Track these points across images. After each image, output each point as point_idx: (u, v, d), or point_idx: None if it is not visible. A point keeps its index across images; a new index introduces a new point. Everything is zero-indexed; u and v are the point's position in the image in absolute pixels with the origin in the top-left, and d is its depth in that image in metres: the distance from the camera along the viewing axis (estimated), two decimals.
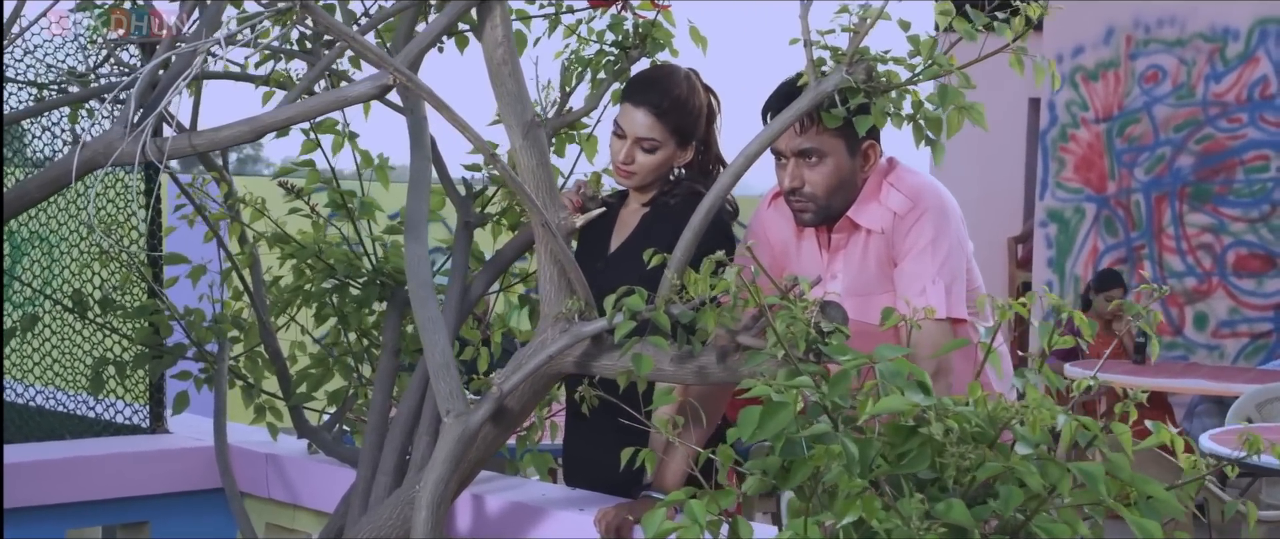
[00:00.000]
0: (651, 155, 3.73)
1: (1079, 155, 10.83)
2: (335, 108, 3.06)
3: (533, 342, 3.23)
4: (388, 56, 2.88)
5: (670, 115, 3.73)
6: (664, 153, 3.75)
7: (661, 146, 3.74)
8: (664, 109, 3.72)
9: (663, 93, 3.74)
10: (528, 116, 3.14)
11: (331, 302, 4.13)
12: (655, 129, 3.72)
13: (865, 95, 3.06)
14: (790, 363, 2.75)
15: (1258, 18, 10.02)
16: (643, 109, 3.71)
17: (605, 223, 3.92)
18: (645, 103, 3.72)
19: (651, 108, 3.71)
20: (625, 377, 3.08)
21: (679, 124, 3.74)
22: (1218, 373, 9.05)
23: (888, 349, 2.60)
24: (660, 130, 3.72)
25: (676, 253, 3.06)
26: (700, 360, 3.07)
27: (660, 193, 3.84)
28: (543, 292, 3.21)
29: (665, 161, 3.76)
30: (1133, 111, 10.55)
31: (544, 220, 3.06)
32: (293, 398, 4.23)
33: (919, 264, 3.41)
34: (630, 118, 3.72)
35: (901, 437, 2.38)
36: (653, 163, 3.74)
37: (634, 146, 3.73)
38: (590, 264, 3.87)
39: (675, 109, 3.73)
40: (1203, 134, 10.27)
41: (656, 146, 3.74)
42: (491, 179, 4.06)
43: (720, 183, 3.09)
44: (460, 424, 3.12)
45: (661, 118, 3.72)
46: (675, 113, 3.73)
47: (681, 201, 3.79)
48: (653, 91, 3.74)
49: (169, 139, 3.09)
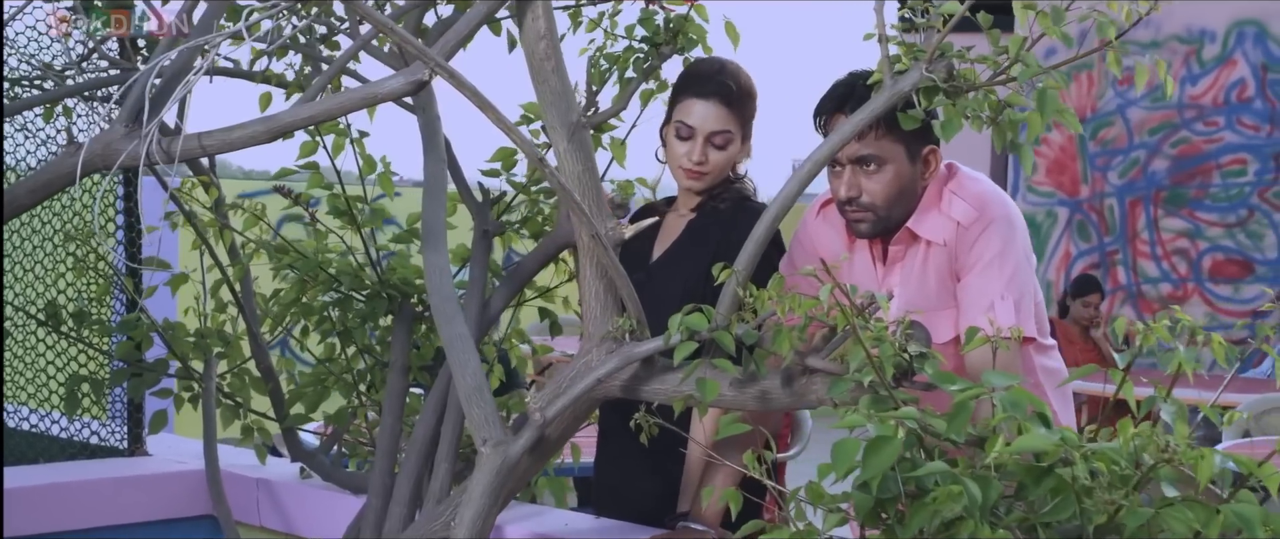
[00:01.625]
0: (723, 151, 3.51)
1: (1051, 159, 10.66)
2: (363, 105, 2.77)
3: (575, 363, 2.95)
4: (427, 49, 2.60)
5: (739, 104, 3.51)
6: (734, 147, 3.54)
7: (733, 140, 3.52)
8: (735, 96, 3.50)
9: (731, 79, 3.51)
10: (573, 117, 2.87)
11: (331, 315, 3.83)
12: (728, 119, 3.50)
13: (944, 95, 2.81)
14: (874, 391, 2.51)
15: (1235, 19, 9.87)
16: (712, 100, 3.48)
17: (651, 228, 3.67)
18: (715, 93, 3.48)
19: (721, 98, 3.48)
20: (682, 403, 2.81)
21: (747, 113, 3.54)
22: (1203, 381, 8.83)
23: (997, 376, 2.35)
24: (732, 120, 3.50)
25: (738, 267, 2.79)
26: (763, 384, 2.80)
27: (707, 198, 3.60)
28: (586, 308, 2.93)
29: (733, 158, 3.55)
30: (1106, 114, 10.39)
31: (594, 231, 2.78)
32: (288, 419, 3.93)
33: (986, 278, 3.16)
34: (698, 112, 3.48)
35: (1032, 478, 2.12)
36: (724, 159, 3.53)
37: (706, 144, 3.49)
38: (630, 274, 3.62)
39: (744, 96, 3.53)
40: (1178, 137, 10.12)
41: (729, 140, 3.51)
42: (512, 184, 3.78)
43: (785, 191, 2.81)
44: (500, 455, 2.84)
45: (732, 107, 3.50)
46: (744, 100, 3.53)
47: (732, 207, 3.55)
48: (718, 80, 3.51)
49: (176, 140, 2.79)
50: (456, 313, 3.06)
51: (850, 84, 3.19)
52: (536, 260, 3.61)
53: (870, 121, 2.78)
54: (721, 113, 3.50)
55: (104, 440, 4.28)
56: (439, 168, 3.41)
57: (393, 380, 3.64)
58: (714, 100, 3.50)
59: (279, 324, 3.85)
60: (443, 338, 3.03)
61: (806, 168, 2.79)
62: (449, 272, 3.16)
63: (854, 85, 3.18)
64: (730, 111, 3.52)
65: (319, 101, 2.79)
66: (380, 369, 3.86)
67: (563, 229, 3.59)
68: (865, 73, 3.25)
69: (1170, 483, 2.10)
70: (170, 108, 2.81)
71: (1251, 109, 9.83)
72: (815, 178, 2.85)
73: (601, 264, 2.90)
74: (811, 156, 2.79)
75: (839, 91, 3.19)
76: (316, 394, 3.93)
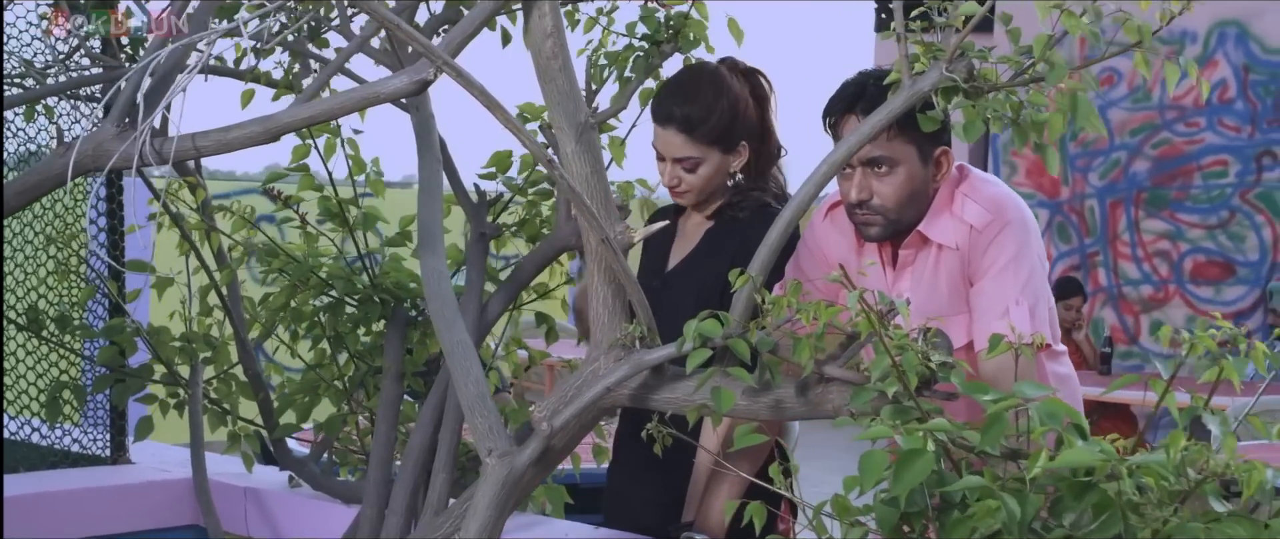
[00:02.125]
0: (696, 173, 3.42)
1: (1031, 160, 10.61)
2: (365, 106, 2.67)
3: (582, 371, 2.86)
4: (434, 47, 2.51)
5: (702, 129, 3.41)
6: (709, 166, 3.44)
7: (704, 161, 3.43)
8: (692, 125, 3.41)
9: (687, 108, 3.42)
10: (581, 117, 2.78)
11: (321, 321, 3.73)
12: (690, 147, 3.41)
13: (964, 96, 2.74)
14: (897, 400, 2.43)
15: (1216, 20, 9.83)
16: (670, 129, 3.41)
17: (663, 236, 3.59)
18: (671, 122, 3.41)
19: (678, 127, 3.41)
20: (695, 412, 2.72)
21: (715, 135, 3.43)
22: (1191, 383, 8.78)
23: (1030, 387, 2.28)
24: (696, 147, 3.42)
25: (753, 272, 2.71)
26: (777, 394, 2.72)
27: (725, 204, 3.52)
28: (594, 314, 2.84)
29: (715, 173, 3.45)
30: None
31: (604, 235, 2.69)
32: (278, 428, 3.83)
33: (1000, 283, 3.08)
34: (662, 139, 3.43)
35: (1073, 493, 2.05)
36: (701, 180, 3.44)
37: (675, 168, 3.43)
38: (646, 282, 3.53)
39: (705, 121, 3.41)
40: (1159, 139, 10.08)
41: (697, 164, 3.43)
42: (509, 186, 3.69)
43: (800, 195, 2.72)
44: (505, 466, 2.75)
45: (693, 134, 3.41)
46: (707, 125, 3.42)
47: (751, 215, 3.47)
48: (677, 109, 3.43)
49: (170, 141, 2.69)
50: (456, 318, 2.97)
51: (861, 84, 3.11)
52: (535, 264, 3.52)
53: (889, 122, 2.70)
54: (681, 141, 3.44)
55: (86, 448, 4.17)
56: (434, 168, 3.32)
57: (387, 387, 3.54)
58: (671, 129, 3.44)
59: (269, 329, 3.75)
60: (443, 344, 2.94)
61: (822, 170, 2.71)
62: (447, 276, 3.07)
63: (865, 85, 3.11)
64: (691, 140, 3.44)
65: (318, 102, 2.70)
66: (373, 375, 3.76)
67: (561, 232, 3.50)
68: (876, 72, 3.18)
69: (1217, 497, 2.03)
70: (163, 108, 2.71)
71: (1233, 110, 9.79)
72: (830, 180, 2.77)
73: (610, 269, 2.81)
74: (828, 159, 2.71)
75: (849, 92, 3.11)
76: (307, 401, 3.83)
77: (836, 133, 3.11)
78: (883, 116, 2.69)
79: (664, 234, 3.57)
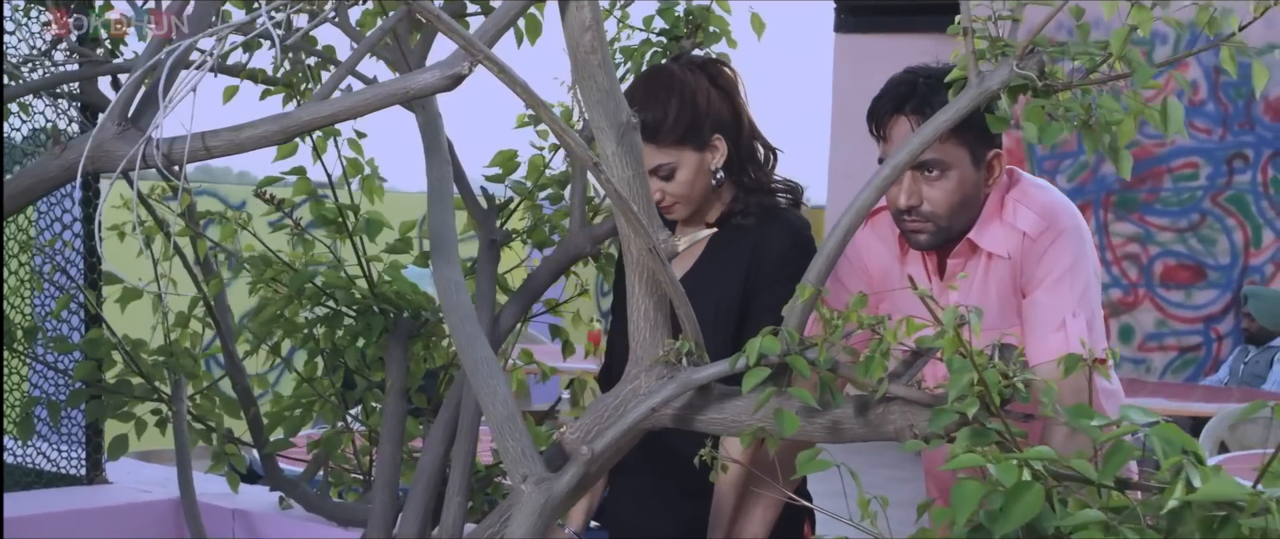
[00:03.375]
0: (674, 180, 3.15)
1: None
2: (393, 102, 2.46)
3: (620, 390, 2.66)
4: (475, 40, 2.31)
5: (665, 131, 3.13)
6: (686, 169, 3.15)
7: (679, 165, 3.15)
8: (654, 130, 3.12)
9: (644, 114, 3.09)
10: (623, 117, 2.57)
11: (314, 333, 3.52)
12: (659, 154, 3.12)
13: (1034, 95, 2.56)
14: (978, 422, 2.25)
15: (1186, 21, 9.70)
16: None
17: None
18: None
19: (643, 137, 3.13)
20: (750, 435, 2.52)
21: (680, 133, 3.14)
22: (1162, 389, 8.69)
23: (1136, 411, 2.09)
24: (664, 152, 3.13)
25: (810, 282, 2.52)
26: (835, 414, 2.52)
27: (727, 212, 3.27)
28: (635, 329, 2.64)
29: (695, 175, 3.17)
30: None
31: (651, 244, 2.49)
32: (268, 445, 3.61)
33: (1055, 295, 2.90)
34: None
35: (1206, 529, 1.86)
36: (682, 186, 3.16)
37: (652, 180, 3.12)
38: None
39: (663, 122, 3.12)
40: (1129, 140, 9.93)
41: (672, 169, 3.15)
42: (516, 189, 3.49)
43: (860, 200, 2.51)
44: (543, 493, 2.54)
45: (657, 138, 3.13)
46: (667, 125, 3.13)
47: (759, 220, 3.23)
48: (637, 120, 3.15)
49: (180, 142, 2.47)
50: (478, 334, 2.75)
51: (910, 83, 2.92)
52: (548, 273, 3.32)
53: (955, 122, 2.51)
54: (649, 149, 3.13)
55: (60, 467, 3.93)
56: (443, 171, 3.11)
57: (390, 404, 3.33)
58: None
59: (261, 341, 3.53)
60: (465, 362, 2.72)
61: (885, 173, 2.51)
62: (464, 287, 2.86)
63: (914, 83, 2.91)
64: (655, 145, 3.16)
65: (341, 98, 2.48)
66: (371, 391, 3.55)
67: (575, 239, 3.31)
68: (923, 69, 2.99)
69: None
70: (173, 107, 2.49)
71: (1203, 112, 9.68)
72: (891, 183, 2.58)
73: (652, 281, 2.61)
74: (890, 161, 2.51)
75: (901, 90, 2.92)
76: (299, 417, 3.62)
77: (884, 134, 2.93)
78: (949, 116, 2.50)
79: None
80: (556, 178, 3.53)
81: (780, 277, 3.24)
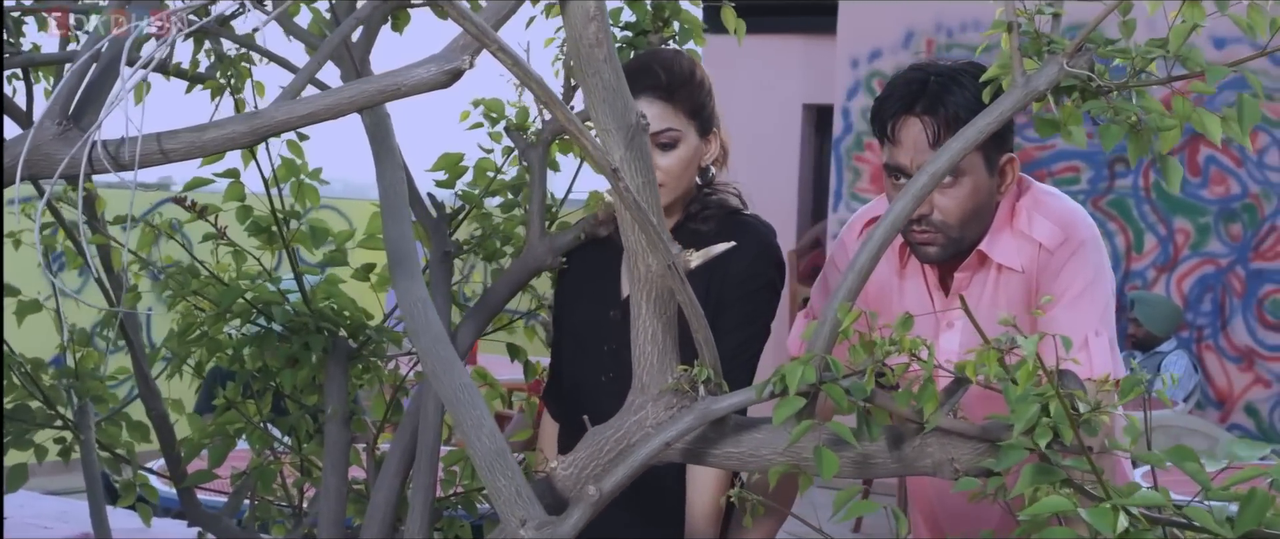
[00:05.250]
0: (674, 151, 2.91)
1: (876, 164, 10.32)
2: (382, 100, 2.18)
3: (621, 420, 2.40)
4: (490, 31, 2.03)
5: (681, 94, 2.91)
6: (686, 147, 2.93)
7: (682, 139, 2.92)
8: (670, 87, 2.90)
9: (661, 67, 2.93)
10: (632, 118, 2.31)
11: (240, 354, 3.21)
12: (667, 116, 2.90)
13: (1081, 96, 2.35)
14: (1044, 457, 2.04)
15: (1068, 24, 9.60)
16: (644, 97, 2.86)
17: (606, 258, 3.09)
18: (646, 87, 2.88)
19: (653, 90, 2.89)
20: (778, 472, 2.28)
21: (694, 105, 2.93)
22: None
23: (1242, 446, 1.89)
24: (675, 116, 2.91)
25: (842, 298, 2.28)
26: (866, 448, 2.29)
27: (686, 216, 3.02)
28: (641, 353, 2.37)
29: (692, 159, 2.95)
30: None
31: (672, 260, 2.23)
32: (187, 478, 3.29)
33: (1077, 313, 2.69)
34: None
35: None
36: (679, 163, 2.92)
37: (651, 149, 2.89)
38: (597, 315, 3.06)
39: (684, 85, 2.92)
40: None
41: (676, 139, 2.91)
42: (465, 197, 3.21)
43: (895, 212, 2.28)
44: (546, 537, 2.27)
45: (671, 99, 2.90)
46: (686, 90, 2.92)
47: (719, 226, 2.99)
48: (648, 73, 2.92)
49: (130, 144, 2.16)
50: (454, 358, 2.47)
51: (920, 81, 2.70)
52: (507, 288, 3.05)
53: (998, 125, 2.28)
54: (658, 109, 2.91)
55: None
56: (396, 176, 2.82)
57: (332, 432, 3.03)
58: (646, 96, 2.90)
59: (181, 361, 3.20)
60: (442, 391, 2.43)
61: (922, 181, 2.27)
62: (432, 305, 2.57)
63: (924, 82, 2.69)
64: (670, 104, 2.93)
65: (321, 96, 2.19)
66: (306, 417, 3.25)
67: (534, 251, 3.05)
68: (932, 66, 2.76)
69: None
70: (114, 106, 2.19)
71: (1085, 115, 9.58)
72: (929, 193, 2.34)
73: (661, 300, 2.35)
74: (926, 169, 2.26)
75: (910, 89, 2.69)
76: (221, 446, 3.30)
77: (893, 136, 2.70)
78: (993, 118, 2.28)
79: (603, 254, 3.09)
80: (510, 183, 3.26)
81: (751, 289, 3.01)
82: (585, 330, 3.09)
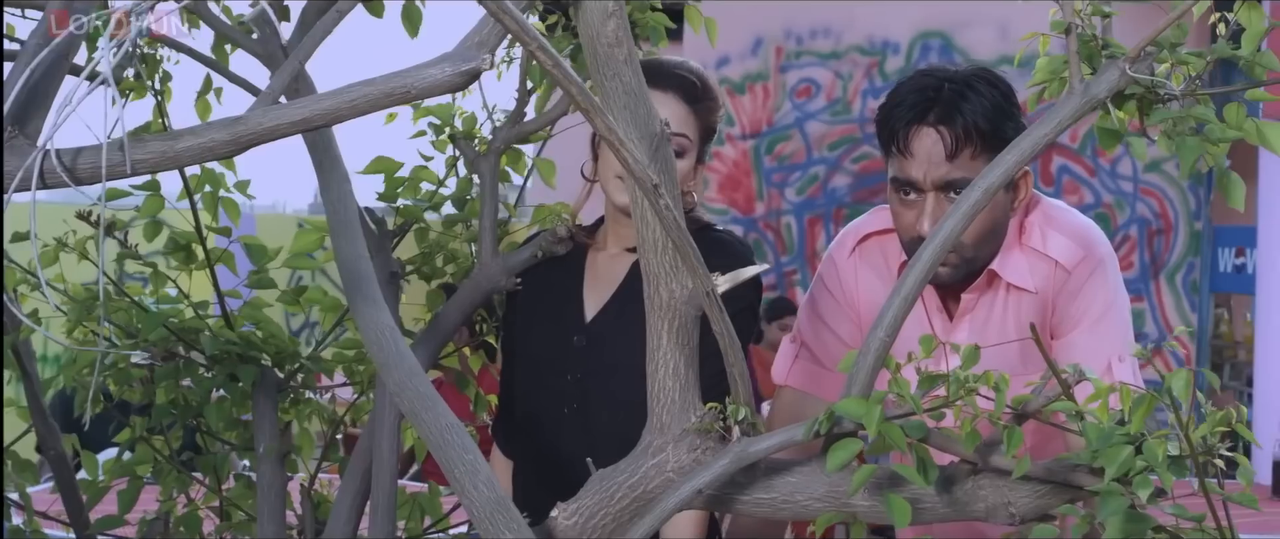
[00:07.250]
0: (681, 159, 2.72)
1: (723, 174, 10.17)
2: (389, 104, 1.89)
3: (635, 464, 2.15)
4: (531, 28, 1.78)
5: (702, 108, 2.75)
6: (688, 161, 2.76)
7: (688, 150, 2.74)
8: (698, 94, 2.73)
9: (695, 75, 2.76)
10: (654, 125, 2.07)
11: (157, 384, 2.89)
12: (687, 121, 2.73)
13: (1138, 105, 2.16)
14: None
15: (919, 31, 9.58)
16: (671, 95, 2.70)
17: (565, 278, 2.85)
18: (676, 87, 2.71)
19: (682, 93, 2.71)
20: (825, 521, 2.05)
21: (709, 121, 2.78)
22: None
23: None
24: (692, 124, 2.73)
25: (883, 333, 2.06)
26: (913, 491, 2.07)
27: None
28: (659, 389, 2.13)
29: (686, 176, 2.77)
30: (783, 128, 9.96)
31: (709, 287, 1.99)
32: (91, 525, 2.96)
33: (1098, 336, 2.50)
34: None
35: None
36: (681, 172, 2.73)
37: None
38: (560, 338, 2.82)
39: (707, 97, 2.76)
40: (860, 153, 9.77)
41: (686, 146, 2.73)
42: (402, 212, 2.94)
43: (948, 229, 2.06)
44: None
45: (695, 108, 2.73)
46: (706, 102, 2.76)
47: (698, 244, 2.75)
48: (679, 74, 2.74)
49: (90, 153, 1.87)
50: (435, 396, 2.19)
51: (933, 87, 2.49)
52: (458, 312, 2.78)
53: (1060, 134, 2.08)
54: (681, 111, 2.73)
55: None
56: (344, 189, 2.55)
57: (265, 474, 2.73)
58: (674, 95, 2.73)
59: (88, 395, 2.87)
60: (423, 430, 2.16)
61: (975, 196, 2.06)
62: (399, 334, 2.30)
63: (939, 88, 2.48)
64: (691, 112, 2.76)
65: (318, 98, 1.90)
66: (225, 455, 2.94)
67: (488, 269, 2.79)
68: (943, 72, 2.56)
69: None
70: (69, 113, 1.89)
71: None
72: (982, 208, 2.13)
73: (685, 331, 2.11)
74: (977, 183, 2.06)
75: (922, 97, 2.48)
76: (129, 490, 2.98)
77: (905, 149, 2.48)
78: (1052, 127, 2.07)
79: (563, 271, 2.86)
80: (451, 196, 2.99)
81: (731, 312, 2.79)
82: (543, 358, 2.84)
